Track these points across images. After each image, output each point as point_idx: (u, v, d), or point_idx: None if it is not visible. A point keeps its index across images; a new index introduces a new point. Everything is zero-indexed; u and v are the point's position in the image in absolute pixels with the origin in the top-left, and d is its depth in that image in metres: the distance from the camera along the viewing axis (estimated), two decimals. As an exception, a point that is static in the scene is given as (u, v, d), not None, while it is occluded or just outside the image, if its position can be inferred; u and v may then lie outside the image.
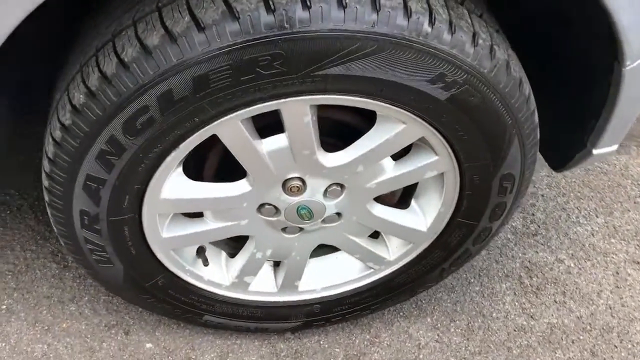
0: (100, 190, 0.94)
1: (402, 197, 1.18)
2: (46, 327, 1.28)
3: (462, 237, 1.17)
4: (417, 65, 0.84)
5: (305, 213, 1.07)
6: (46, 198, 0.99)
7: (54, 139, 0.90)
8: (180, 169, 0.99)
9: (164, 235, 1.07)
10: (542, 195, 1.67)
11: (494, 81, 0.89)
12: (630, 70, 0.92)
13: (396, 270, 1.24)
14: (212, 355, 1.28)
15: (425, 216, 1.15)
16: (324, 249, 1.25)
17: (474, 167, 1.02)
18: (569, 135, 1.12)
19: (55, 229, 1.04)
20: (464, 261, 1.23)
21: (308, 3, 0.79)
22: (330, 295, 1.27)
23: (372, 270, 1.25)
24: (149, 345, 1.28)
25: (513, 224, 1.57)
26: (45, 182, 0.96)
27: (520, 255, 1.52)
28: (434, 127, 0.94)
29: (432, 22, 0.81)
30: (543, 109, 1.03)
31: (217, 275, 1.20)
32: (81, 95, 0.85)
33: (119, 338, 1.28)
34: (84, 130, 0.87)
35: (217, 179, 1.06)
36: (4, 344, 1.25)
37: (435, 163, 1.02)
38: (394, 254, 1.22)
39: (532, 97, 0.98)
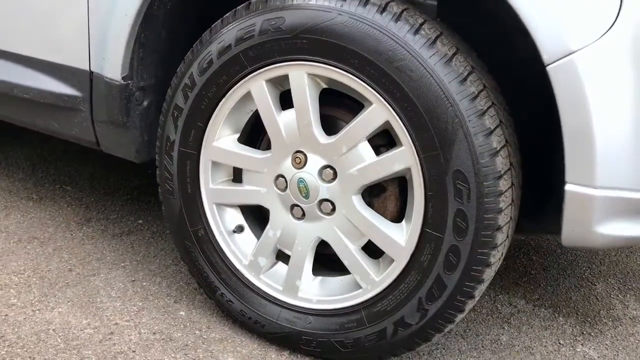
0: (179, 119, 1.42)
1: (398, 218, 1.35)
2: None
3: (432, 256, 1.25)
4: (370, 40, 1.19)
5: (303, 187, 1.35)
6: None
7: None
8: (232, 131, 1.42)
9: (211, 185, 1.46)
10: None
11: (431, 65, 1.16)
12: (557, 69, 1.07)
13: (380, 293, 1.33)
14: None
15: (404, 228, 1.29)
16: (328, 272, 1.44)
17: (429, 159, 1.20)
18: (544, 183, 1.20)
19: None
20: (439, 295, 1.26)
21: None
22: (323, 309, 1.40)
23: (360, 290, 1.36)
24: None
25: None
26: (161, 118, 1.48)
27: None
28: (394, 111, 1.21)
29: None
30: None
31: (241, 249, 1.48)
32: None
33: None
34: (181, 70, 1.41)
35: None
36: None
37: (401, 153, 1.24)
38: (380, 274, 1.34)
39: (480, 99, 1.17)
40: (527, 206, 1.38)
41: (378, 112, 1.25)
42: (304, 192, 1.36)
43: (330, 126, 1.36)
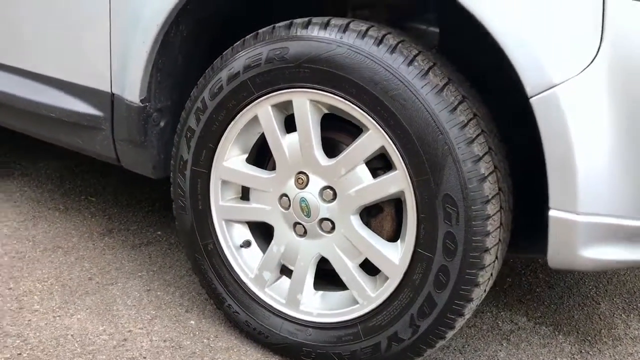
0: (191, 140, 1.51)
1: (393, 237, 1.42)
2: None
3: (423, 275, 1.32)
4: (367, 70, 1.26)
5: (305, 206, 1.43)
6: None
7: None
8: (240, 151, 1.50)
9: (221, 202, 1.55)
10: None
11: (423, 95, 1.23)
12: (539, 101, 1.13)
13: (375, 309, 1.40)
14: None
15: (398, 248, 1.36)
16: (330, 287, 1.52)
17: (421, 183, 1.27)
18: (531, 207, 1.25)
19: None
20: (430, 312, 1.32)
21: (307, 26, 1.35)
22: (322, 322, 1.47)
23: (357, 305, 1.43)
24: None
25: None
26: (175, 138, 1.58)
27: None
28: (388, 137, 1.28)
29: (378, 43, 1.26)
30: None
31: (247, 263, 1.56)
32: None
33: None
34: (194, 95, 1.51)
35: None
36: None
37: (395, 177, 1.32)
38: (376, 290, 1.41)
39: (469, 127, 1.23)
40: (523, 228, 1.44)
41: (374, 137, 1.32)
42: (306, 211, 1.44)
43: (332, 149, 1.44)
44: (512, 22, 1.16)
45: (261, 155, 1.56)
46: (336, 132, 1.45)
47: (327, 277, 1.52)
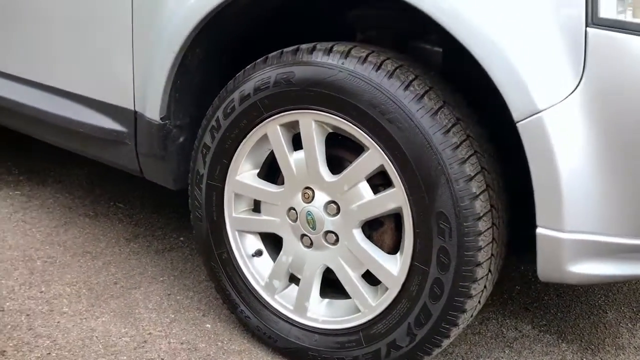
0: (207, 156, 1.62)
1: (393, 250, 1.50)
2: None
3: (419, 286, 1.40)
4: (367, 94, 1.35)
5: (311, 219, 1.52)
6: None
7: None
8: (252, 166, 1.60)
9: (234, 214, 1.65)
10: None
11: (418, 118, 1.30)
12: (526, 126, 1.20)
13: (375, 317, 1.48)
14: None
15: (397, 260, 1.44)
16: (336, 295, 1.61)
17: (417, 200, 1.35)
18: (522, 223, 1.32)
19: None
20: (426, 321, 1.40)
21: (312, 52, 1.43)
22: (327, 328, 1.56)
23: (359, 313, 1.52)
24: None
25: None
26: (192, 154, 1.69)
27: None
28: (387, 156, 1.36)
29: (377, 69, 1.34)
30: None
31: (259, 271, 1.66)
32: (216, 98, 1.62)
33: None
34: (209, 114, 1.61)
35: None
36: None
37: (393, 194, 1.40)
38: (377, 300, 1.49)
39: (462, 148, 1.31)
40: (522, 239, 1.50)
41: (374, 157, 1.41)
42: (312, 224, 1.53)
43: (337, 165, 1.52)
44: (498, 51, 1.22)
45: (272, 170, 1.65)
46: (341, 150, 1.54)
47: (332, 286, 1.62)
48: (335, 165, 1.52)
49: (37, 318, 1.75)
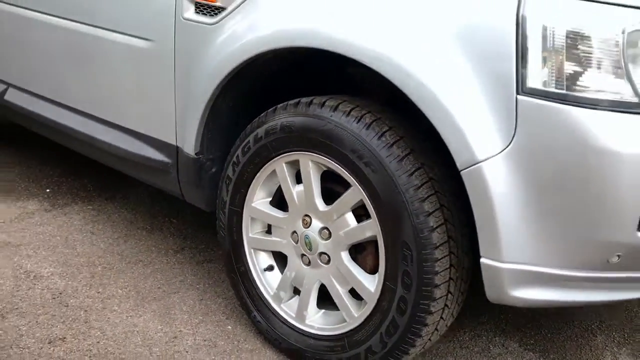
0: (229, 185, 1.96)
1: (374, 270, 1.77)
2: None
3: (389, 302, 1.67)
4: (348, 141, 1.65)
5: (308, 242, 1.82)
6: None
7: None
8: (265, 195, 1.92)
9: (250, 234, 1.97)
10: None
11: (387, 163, 1.58)
12: (468, 174, 1.44)
13: (357, 327, 1.77)
14: None
15: (375, 279, 1.71)
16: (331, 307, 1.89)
17: (386, 230, 1.63)
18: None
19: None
20: (394, 332, 1.66)
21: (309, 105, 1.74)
22: (320, 334, 1.86)
23: (345, 322, 1.81)
24: None
25: None
26: (219, 184, 2.03)
27: None
28: (365, 193, 1.64)
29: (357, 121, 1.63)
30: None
31: (269, 283, 1.98)
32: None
33: None
34: (232, 151, 1.95)
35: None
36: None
37: (371, 224, 1.68)
38: (358, 311, 1.77)
39: (423, 189, 1.56)
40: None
41: (355, 193, 1.70)
42: (309, 246, 1.83)
43: (333, 196, 1.82)
44: (443, 110, 1.48)
45: (283, 199, 1.97)
46: (335, 184, 1.84)
47: (329, 299, 1.91)
48: (331, 196, 1.83)
49: (93, 313, 2.14)
